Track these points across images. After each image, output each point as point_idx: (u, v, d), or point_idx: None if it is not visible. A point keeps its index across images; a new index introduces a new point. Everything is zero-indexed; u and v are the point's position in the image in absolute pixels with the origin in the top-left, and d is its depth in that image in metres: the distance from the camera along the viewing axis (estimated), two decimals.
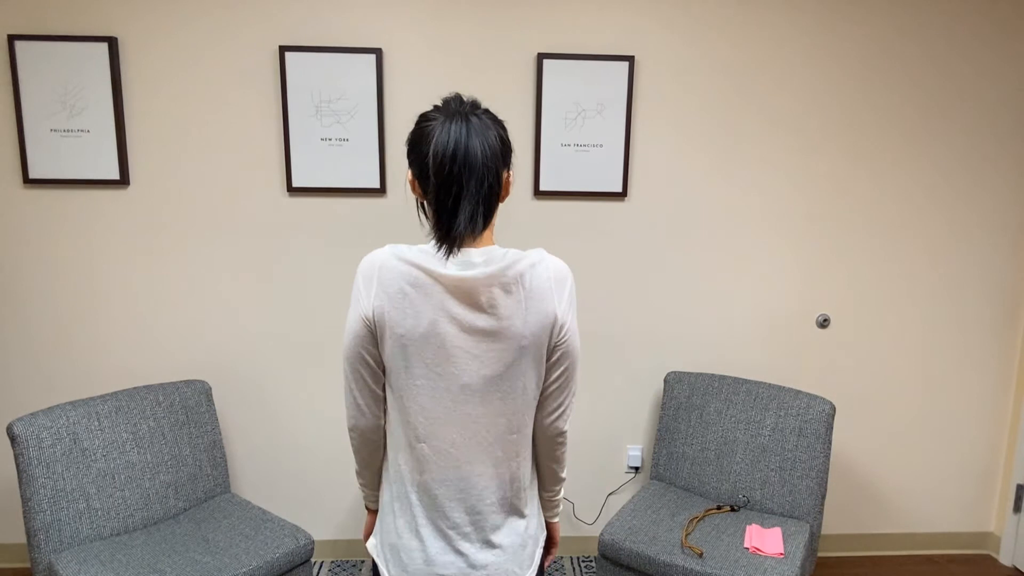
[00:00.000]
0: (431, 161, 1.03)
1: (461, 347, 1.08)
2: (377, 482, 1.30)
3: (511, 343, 1.09)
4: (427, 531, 1.15)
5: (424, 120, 1.08)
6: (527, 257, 1.10)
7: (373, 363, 1.15)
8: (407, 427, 1.14)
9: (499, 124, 1.10)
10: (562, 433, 1.23)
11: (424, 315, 1.07)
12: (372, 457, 1.25)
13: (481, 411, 1.12)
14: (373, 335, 1.12)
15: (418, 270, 1.07)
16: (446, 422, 1.12)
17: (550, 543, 1.36)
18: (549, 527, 1.35)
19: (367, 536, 1.35)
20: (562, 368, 1.16)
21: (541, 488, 1.30)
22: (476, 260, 1.08)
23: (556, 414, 1.20)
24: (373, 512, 1.35)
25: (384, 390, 1.18)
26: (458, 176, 1.03)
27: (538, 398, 1.18)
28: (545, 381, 1.18)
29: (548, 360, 1.16)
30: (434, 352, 1.09)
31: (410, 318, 1.08)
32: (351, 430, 1.22)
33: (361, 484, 1.32)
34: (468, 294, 1.07)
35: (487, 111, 1.10)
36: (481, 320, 1.07)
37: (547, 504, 1.32)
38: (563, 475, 1.30)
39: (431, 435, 1.13)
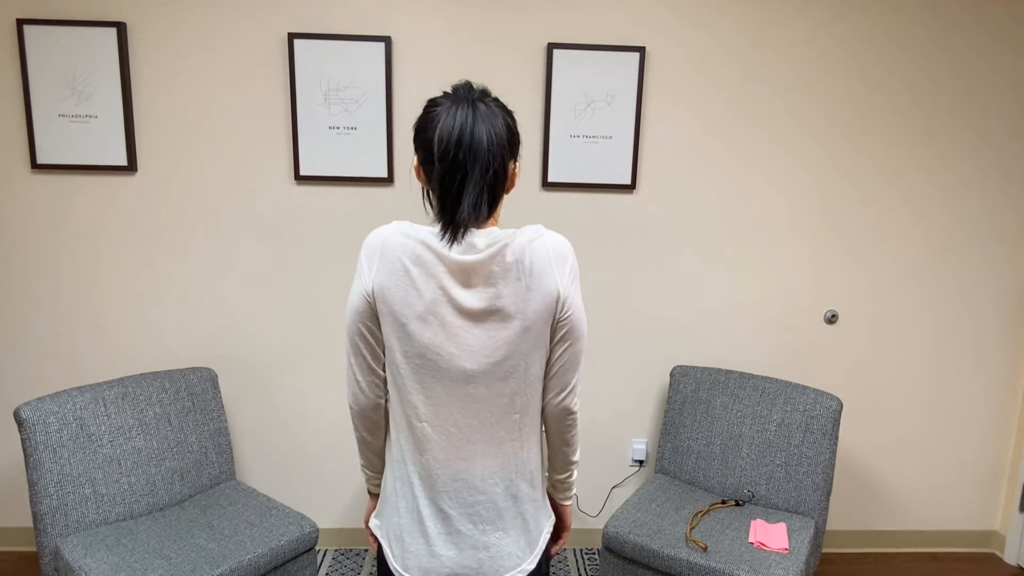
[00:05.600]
0: (436, 146, 1.03)
1: (461, 328, 1.08)
2: (379, 465, 1.29)
3: (513, 323, 1.08)
4: (428, 512, 1.15)
5: (432, 105, 1.07)
6: (524, 234, 1.09)
7: (372, 340, 1.15)
8: (407, 406, 1.14)
9: (508, 113, 1.09)
10: (572, 413, 1.21)
11: (425, 294, 1.07)
12: (372, 436, 1.25)
13: (483, 392, 1.11)
14: (373, 311, 1.12)
15: (422, 247, 1.07)
16: (447, 402, 1.12)
17: (560, 527, 1.35)
18: (560, 511, 1.34)
19: (368, 520, 1.34)
20: (566, 345, 1.15)
21: (552, 471, 1.29)
22: (478, 243, 1.07)
23: (564, 394, 1.18)
24: (375, 496, 1.35)
25: (384, 369, 1.18)
26: (463, 162, 1.02)
27: (543, 378, 1.17)
28: (550, 360, 1.16)
29: (553, 339, 1.15)
30: (433, 332, 1.08)
31: (410, 295, 1.07)
32: (351, 407, 1.22)
33: (363, 466, 1.31)
34: (469, 276, 1.07)
35: (496, 99, 1.09)
36: (482, 301, 1.07)
37: (558, 486, 1.31)
38: (575, 458, 1.28)
39: (432, 415, 1.12)
